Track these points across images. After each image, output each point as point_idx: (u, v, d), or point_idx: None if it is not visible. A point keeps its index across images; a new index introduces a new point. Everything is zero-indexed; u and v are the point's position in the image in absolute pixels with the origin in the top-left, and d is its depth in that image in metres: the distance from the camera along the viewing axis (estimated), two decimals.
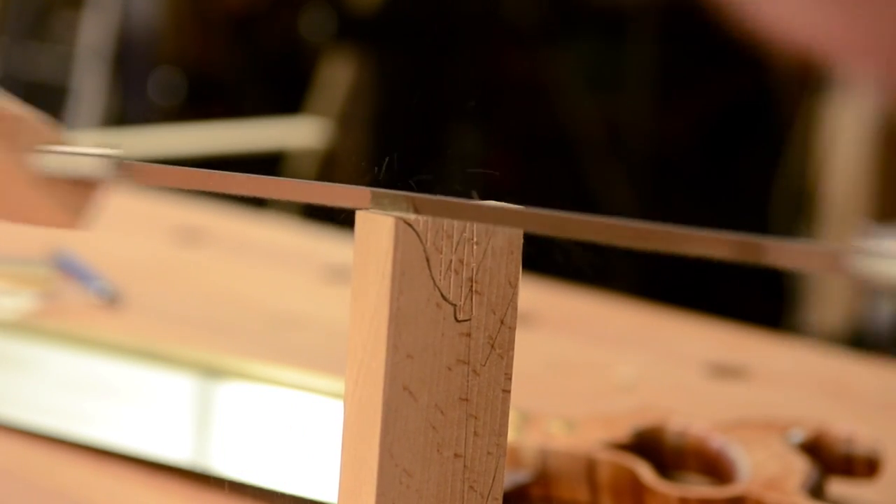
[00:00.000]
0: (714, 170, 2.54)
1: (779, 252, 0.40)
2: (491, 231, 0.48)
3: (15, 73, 2.99)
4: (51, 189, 0.54)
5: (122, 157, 0.53)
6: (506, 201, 0.49)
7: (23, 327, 0.87)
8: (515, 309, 0.49)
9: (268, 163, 2.57)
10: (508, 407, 0.49)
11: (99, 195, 0.55)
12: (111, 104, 2.89)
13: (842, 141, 2.23)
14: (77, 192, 0.55)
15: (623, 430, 0.69)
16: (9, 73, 2.99)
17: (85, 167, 0.54)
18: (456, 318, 0.47)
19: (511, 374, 0.49)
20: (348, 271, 0.46)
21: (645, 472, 0.66)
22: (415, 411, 0.47)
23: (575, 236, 0.43)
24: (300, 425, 0.74)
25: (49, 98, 2.85)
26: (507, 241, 0.48)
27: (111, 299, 0.99)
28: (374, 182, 0.47)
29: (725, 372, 0.90)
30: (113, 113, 2.87)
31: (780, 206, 2.38)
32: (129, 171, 0.53)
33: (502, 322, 0.49)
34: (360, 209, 0.47)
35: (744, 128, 2.54)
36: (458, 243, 0.47)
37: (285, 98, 2.80)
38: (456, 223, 0.47)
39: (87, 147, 0.54)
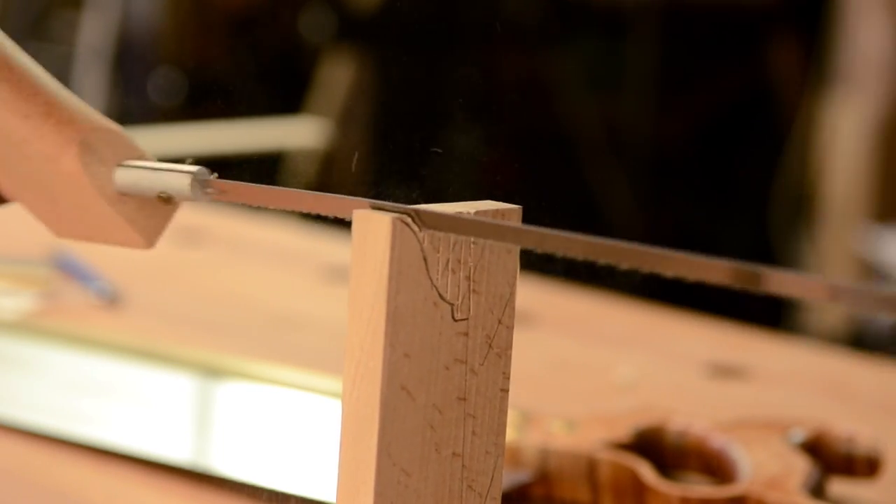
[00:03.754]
0: (714, 170, 2.54)
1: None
2: None
3: None
4: (129, 207, 0.52)
5: (207, 174, 0.51)
6: (505, 201, 0.49)
7: (23, 327, 0.87)
8: (513, 308, 0.49)
9: (268, 163, 2.57)
10: (507, 406, 0.49)
11: (175, 213, 0.53)
12: (111, 104, 2.89)
13: (842, 141, 2.22)
14: (154, 210, 0.53)
15: (624, 430, 0.69)
16: None
17: (169, 185, 0.51)
18: (453, 318, 0.47)
19: (509, 374, 0.49)
20: (347, 271, 0.46)
21: (646, 471, 0.66)
22: (413, 411, 0.47)
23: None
24: (300, 425, 0.74)
25: None
26: None
27: (111, 299, 0.99)
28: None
29: (725, 372, 0.90)
30: (113, 113, 2.87)
31: (780, 206, 2.38)
32: (214, 188, 0.51)
33: (500, 321, 0.49)
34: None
35: (744, 128, 2.54)
36: (455, 242, 0.47)
37: (285, 98, 2.80)
38: None
39: (173, 164, 0.52)
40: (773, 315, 2.16)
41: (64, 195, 0.53)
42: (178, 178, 0.51)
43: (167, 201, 0.52)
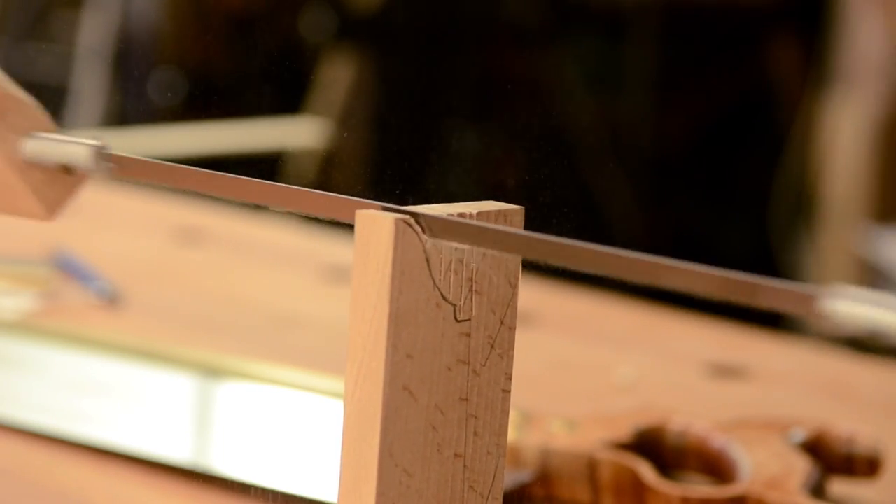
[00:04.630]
0: (714, 170, 2.54)
1: (768, 293, 0.40)
2: None
3: (15, 73, 2.99)
4: (33, 177, 0.54)
5: (108, 148, 0.53)
6: (505, 201, 0.49)
7: (23, 327, 0.87)
8: (515, 309, 0.49)
9: (268, 163, 2.57)
10: (508, 407, 0.49)
11: (78, 189, 0.55)
12: (111, 104, 2.88)
13: (842, 141, 2.22)
14: (58, 183, 0.54)
15: (624, 430, 0.69)
16: (9, 74, 2.99)
17: (72, 157, 0.53)
18: (456, 318, 0.47)
19: (511, 374, 0.49)
20: (348, 271, 0.46)
21: (646, 471, 0.66)
22: (415, 411, 0.47)
23: (571, 265, 0.44)
24: (300, 425, 0.74)
25: (49, 98, 2.84)
26: None
27: (111, 299, 0.99)
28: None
29: (725, 372, 0.90)
30: (113, 113, 2.87)
31: (780, 207, 2.38)
32: (113, 162, 0.53)
33: (502, 322, 0.49)
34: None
35: (743, 128, 2.54)
36: (457, 243, 0.47)
37: (285, 98, 2.80)
38: None
39: (76, 137, 0.53)
40: (773, 315, 2.16)
41: None
42: (80, 150, 0.53)
43: (69, 173, 0.53)
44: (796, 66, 2.48)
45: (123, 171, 0.53)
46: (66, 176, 0.53)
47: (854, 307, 0.38)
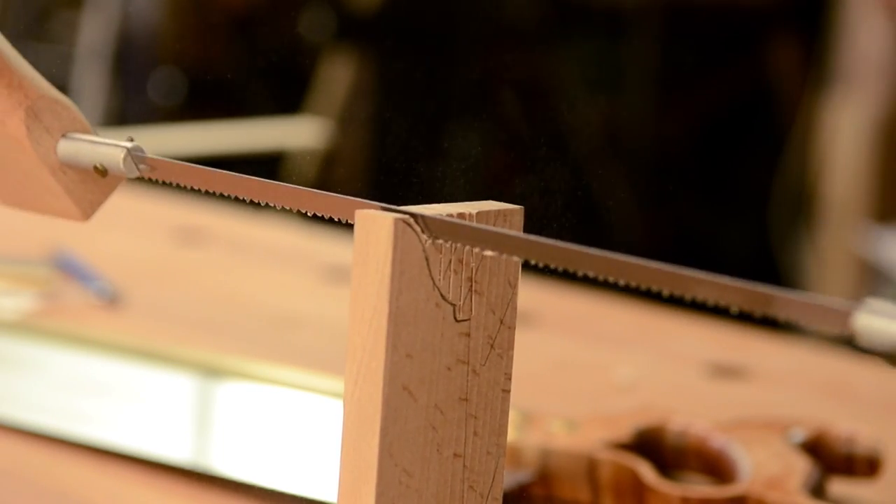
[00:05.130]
0: (714, 170, 2.54)
1: (783, 304, 0.40)
2: None
3: None
4: (69, 178, 0.54)
5: (142, 150, 0.53)
6: (505, 201, 0.49)
7: (23, 327, 0.87)
8: (515, 309, 0.49)
9: (268, 163, 2.57)
10: (508, 407, 0.49)
11: (111, 189, 0.55)
12: (111, 104, 2.88)
13: (842, 141, 2.22)
14: (92, 184, 0.54)
15: (624, 430, 0.69)
16: None
17: (106, 158, 0.53)
18: (455, 318, 0.47)
19: (511, 374, 0.49)
20: (348, 271, 0.46)
21: (646, 471, 0.66)
22: (414, 411, 0.47)
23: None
24: (300, 425, 0.74)
25: None
26: None
27: (111, 299, 0.99)
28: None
29: (725, 372, 0.90)
30: (113, 113, 2.87)
31: (780, 206, 2.38)
32: (147, 164, 0.53)
33: (502, 322, 0.49)
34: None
35: (744, 128, 2.54)
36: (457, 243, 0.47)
37: (285, 98, 2.80)
38: None
39: (113, 139, 0.54)
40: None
41: (6, 160, 0.54)
42: (114, 152, 0.53)
43: (103, 174, 0.53)
44: (796, 66, 2.48)
45: (156, 172, 0.53)
46: (101, 177, 0.54)
47: (887, 323, 0.38)
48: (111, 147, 0.53)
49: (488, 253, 0.48)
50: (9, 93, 0.53)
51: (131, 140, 0.53)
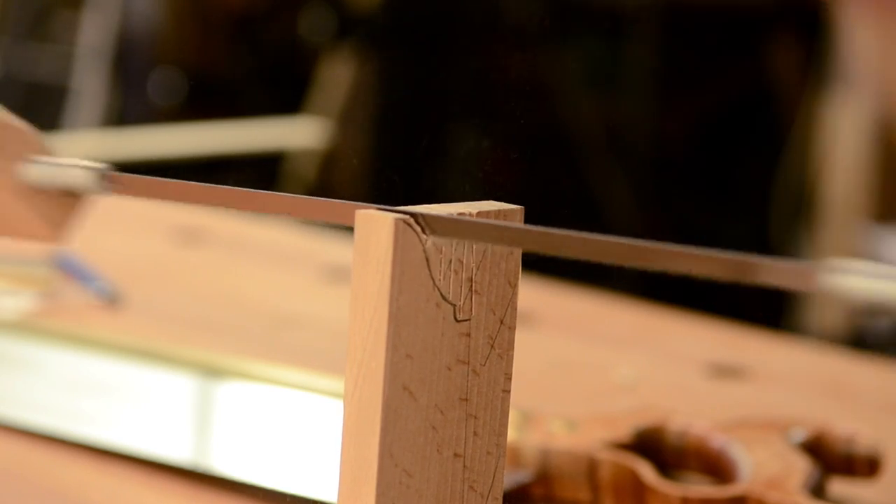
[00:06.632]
0: (714, 170, 2.54)
1: (769, 271, 0.40)
2: None
3: (15, 73, 2.99)
4: (36, 201, 0.54)
5: (108, 170, 0.53)
6: (506, 201, 0.49)
7: (23, 327, 0.87)
8: (515, 309, 0.49)
9: (268, 163, 2.57)
10: (508, 407, 0.49)
11: (82, 208, 0.55)
12: (111, 104, 2.88)
13: (842, 141, 2.22)
14: (61, 204, 0.55)
15: (624, 430, 0.69)
16: (9, 73, 2.99)
17: (73, 180, 0.54)
18: (455, 318, 0.47)
19: (511, 374, 0.49)
20: (348, 271, 0.46)
21: (646, 471, 0.66)
22: (414, 411, 0.47)
23: (572, 255, 0.44)
24: (300, 425, 0.74)
25: (49, 98, 2.85)
26: None
27: (111, 299, 0.99)
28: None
29: (725, 372, 0.90)
30: (113, 113, 2.87)
31: (780, 206, 2.38)
32: (115, 183, 0.53)
33: (502, 322, 0.49)
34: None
35: (744, 128, 2.54)
36: (457, 243, 0.47)
37: (285, 98, 2.80)
38: None
39: (74, 159, 0.54)
40: (772, 315, 2.16)
41: None
42: (81, 173, 0.53)
43: (73, 196, 0.54)
44: (796, 66, 2.48)
45: (125, 189, 0.53)
46: (69, 197, 0.54)
47: (855, 281, 0.38)
48: (79, 170, 0.53)
49: (488, 251, 0.48)
50: None
51: (96, 159, 0.53)
